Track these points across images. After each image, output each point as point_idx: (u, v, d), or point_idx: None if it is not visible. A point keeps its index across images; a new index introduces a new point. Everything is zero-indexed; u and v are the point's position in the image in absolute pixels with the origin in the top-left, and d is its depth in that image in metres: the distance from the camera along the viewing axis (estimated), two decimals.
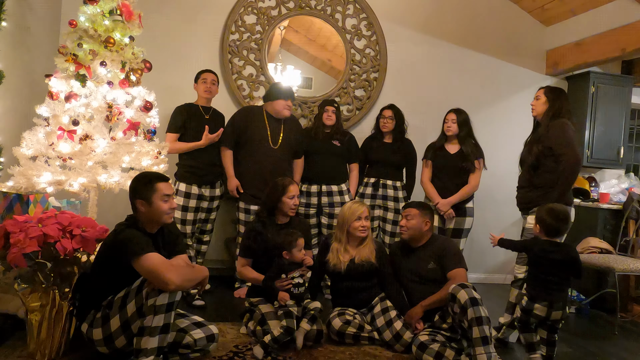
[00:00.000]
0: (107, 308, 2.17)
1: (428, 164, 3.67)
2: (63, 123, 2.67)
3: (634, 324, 3.73)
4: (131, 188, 2.32)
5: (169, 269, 2.07)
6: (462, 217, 3.56)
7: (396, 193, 3.71)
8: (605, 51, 4.29)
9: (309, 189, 3.72)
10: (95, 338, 2.16)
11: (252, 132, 3.53)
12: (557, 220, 2.49)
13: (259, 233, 2.95)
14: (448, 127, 3.56)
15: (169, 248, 2.37)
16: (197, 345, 2.34)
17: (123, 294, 2.15)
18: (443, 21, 4.74)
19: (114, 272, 2.17)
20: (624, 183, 4.81)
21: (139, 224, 2.25)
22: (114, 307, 2.14)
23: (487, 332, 2.35)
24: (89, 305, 2.22)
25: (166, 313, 2.06)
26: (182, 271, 2.17)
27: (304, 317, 2.66)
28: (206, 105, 3.60)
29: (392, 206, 3.71)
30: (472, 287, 2.48)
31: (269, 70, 4.37)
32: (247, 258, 2.98)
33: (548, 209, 2.53)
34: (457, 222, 3.56)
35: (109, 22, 2.83)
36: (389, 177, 3.72)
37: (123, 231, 2.18)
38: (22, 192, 2.64)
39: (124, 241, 2.12)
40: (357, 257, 2.93)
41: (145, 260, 2.06)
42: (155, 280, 2.04)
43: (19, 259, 2.10)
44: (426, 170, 3.68)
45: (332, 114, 3.72)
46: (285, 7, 4.37)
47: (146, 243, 2.14)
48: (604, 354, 2.97)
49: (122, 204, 3.67)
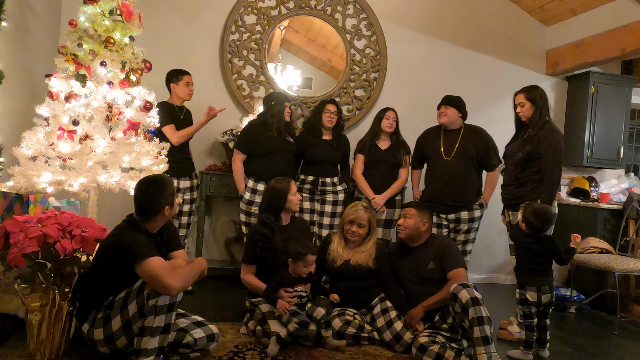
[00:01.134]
0: (108, 308, 2.16)
1: (361, 158, 3.75)
2: (63, 123, 2.67)
3: (634, 324, 3.73)
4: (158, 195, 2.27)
5: (170, 274, 2.08)
6: (392, 209, 3.67)
7: (334, 188, 3.70)
8: (605, 51, 4.29)
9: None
10: (96, 338, 2.16)
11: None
12: (541, 222, 2.79)
13: (268, 239, 2.89)
14: (390, 125, 3.70)
15: (167, 245, 2.39)
16: (197, 345, 2.34)
17: (124, 295, 2.15)
18: (443, 21, 4.75)
19: (114, 273, 2.17)
20: (624, 183, 4.81)
21: (141, 226, 2.24)
22: (115, 307, 2.14)
23: (488, 332, 2.36)
24: (90, 306, 2.21)
25: (167, 313, 2.07)
26: (182, 273, 2.17)
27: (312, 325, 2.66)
28: (181, 105, 3.66)
29: (330, 199, 3.69)
30: (473, 286, 2.49)
31: (269, 70, 4.37)
32: (252, 265, 2.94)
33: (533, 211, 2.80)
34: (388, 213, 3.67)
35: (109, 22, 2.82)
36: (327, 175, 3.69)
37: (126, 233, 2.17)
38: (22, 192, 2.64)
39: (127, 245, 2.11)
40: (352, 259, 2.94)
41: (147, 266, 2.06)
42: (157, 286, 2.04)
43: (19, 259, 2.09)
44: (359, 164, 3.75)
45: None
46: (285, 7, 4.37)
47: (148, 247, 2.14)
48: (603, 354, 2.97)
49: (121, 204, 3.72)
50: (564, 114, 5.03)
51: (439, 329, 2.65)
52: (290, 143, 3.61)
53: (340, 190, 3.71)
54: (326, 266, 2.99)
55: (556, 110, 5.03)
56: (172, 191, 2.31)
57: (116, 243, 2.15)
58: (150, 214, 2.27)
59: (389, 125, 3.68)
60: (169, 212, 2.30)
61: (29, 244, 2.09)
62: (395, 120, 3.72)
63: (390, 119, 3.69)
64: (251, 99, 4.29)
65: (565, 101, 5.03)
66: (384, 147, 3.72)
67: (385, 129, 3.67)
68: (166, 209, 2.28)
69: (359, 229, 2.94)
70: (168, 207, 2.29)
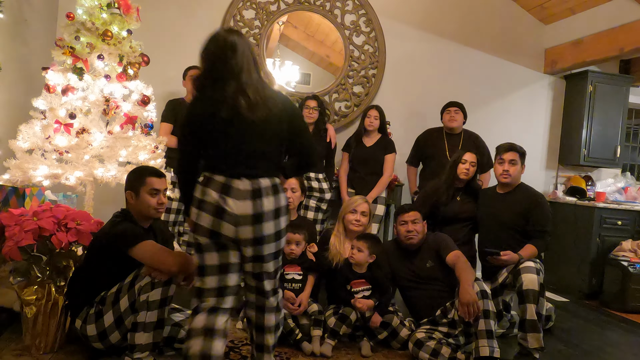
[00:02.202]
0: (100, 304, 2.16)
1: (346, 156, 3.82)
2: (60, 116, 2.66)
3: (634, 323, 3.73)
4: (127, 181, 2.33)
5: (168, 251, 2.13)
6: (374, 204, 3.67)
7: (320, 185, 3.72)
8: (603, 50, 4.30)
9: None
10: (89, 334, 2.16)
11: None
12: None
13: None
14: (370, 123, 3.74)
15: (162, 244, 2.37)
16: None
17: (116, 290, 2.15)
18: (442, 18, 4.74)
19: (107, 265, 2.17)
20: (620, 182, 4.83)
21: (132, 217, 2.26)
22: (106, 302, 2.15)
23: (492, 326, 2.40)
24: (82, 302, 2.21)
25: (160, 308, 2.07)
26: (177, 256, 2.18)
27: (305, 318, 2.68)
28: None
29: (316, 195, 3.71)
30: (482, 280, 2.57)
31: (268, 66, 4.36)
32: None
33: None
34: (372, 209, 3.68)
35: (106, 15, 2.81)
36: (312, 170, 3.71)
37: (118, 224, 2.19)
38: (18, 185, 2.63)
39: (119, 233, 2.13)
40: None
41: (142, 247, 2.09)
42: (156, 264, 2.07)
43: (14, 252, 2.09)
44: (344, 162, 3.84)
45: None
46: (284, 2, 4.35)
47: (140, 233, 2.17)
48: (601, 353, 2.98)
49: (118, 198, 3.67)
50: (561, 112, 5.04)
51: (438, 324, 2.64)
52: None
53: (326, 188, 3.73)
54: (324, 264, 2.97)
55: (553, 109, 5.04)
56: (142, 181, 2.26)
57: (111, 232, 2.16)
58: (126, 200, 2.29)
59: (370, 123, 3.74)
60: (132, 199, 2.26)
61: (25, 237, 2.09)
62: (377, 119, 3.75)
63: (371, 117, 3.75)
64: None
65: (562, 100, 5.03)
66: (369, 144, 3.78)
67: (367, 127, 3.75)
68: (128, 193, 2.27)
69: (362, 217, 2.94)
70: (130, 193, 2.26)
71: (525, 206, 2.95)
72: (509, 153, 3.01)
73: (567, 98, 5.01)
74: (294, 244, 2.80)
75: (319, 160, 3.75)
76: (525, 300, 2.59)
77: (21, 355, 2.20)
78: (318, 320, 2.69)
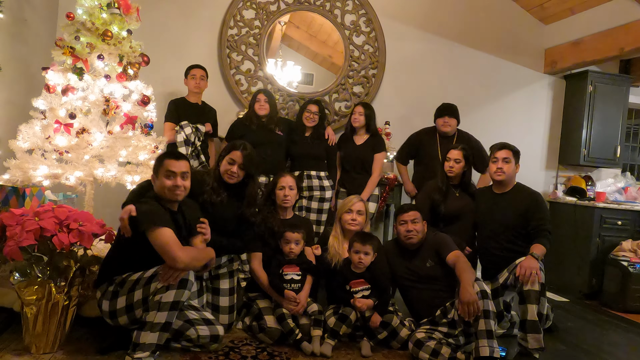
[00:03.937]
0: (119, 286, 2.23)
1: (338, 155, 3.84)
2: (60, 116, 2.66)
3: (634, 323, 3.73)
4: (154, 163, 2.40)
5: (180, 247, 2.14)
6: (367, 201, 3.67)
7: (321, 182, 3.72)
8: (603, 50, 4.30)
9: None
10: (103, 309, 2.25)
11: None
12: None
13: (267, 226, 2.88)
14: (355, 119, 3.76)
15: (189, 229, 2.41)
16: (199, 341, 2.35)
17: (135, 278, 2.19)
18: (442, 18, 4.74)
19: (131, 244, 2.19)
20: (620, 182, 4.83)
21: (162, 201, 2.29)
22: (124, 287, 2.20)
23: (493, 326, 2.39)
24: (107, 275, 2.27)
25: (170, 311, 2.09)
26: (191, 252, 2.23)
27: (305, 318, 2.68)
28: (196, 100, 3.70)
29: (317, 195, 3.70)
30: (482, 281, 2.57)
31: (269, 66, 4.36)
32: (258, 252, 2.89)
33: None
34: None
35: (106, 15, 2.81)
36: (312, 168, 3.72)
37: (147, 202, 2.22)
38: (18, 185, 2.63)
39: (145, 211, 2.15)
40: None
41: (159, 234, 2.11)
42: (165, 255, 2.09)
43: (15, 252, 2.09)
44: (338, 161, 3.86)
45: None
46: (284, 2, 4.35)
47: (164, 217, 2.19)
48: (601, 353, 2.98)
49: (118, 198, 3.67)
50: (561, 112, 5.04)
51: (437, 324, 2.64)
52: (278, 136, 3.66)
53: (327, 186, 3.72)
54: (324, 263, 2.97)
55: (553, 109, 5.04)
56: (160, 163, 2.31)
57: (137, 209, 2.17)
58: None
59: (355, 119, 3.77)
60: (154, 181, 2.32)
61: (26, 237, 2.09)
62: (361, 115, 3.76)
63: (355, 113, 3.78)
64: (249, 94, 4.27)
65: (562, 100, 5.04)
66: (359, 142, 3.80)
67: (353, 123, 3.78)
68: (152, 176, 2.34)
69: (358, 215, 2.95)
70: (153, 176, 2.33)
71: (525, 206, 2.95)
72: (502, 151, 3.02)
73: (567, 98, 5.02)
74: (293, 243, 2.80)
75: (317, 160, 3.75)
76: (526, 300, 2.59)
77: (21, 355, 2.20)
78: (318, 320, 2.69)
